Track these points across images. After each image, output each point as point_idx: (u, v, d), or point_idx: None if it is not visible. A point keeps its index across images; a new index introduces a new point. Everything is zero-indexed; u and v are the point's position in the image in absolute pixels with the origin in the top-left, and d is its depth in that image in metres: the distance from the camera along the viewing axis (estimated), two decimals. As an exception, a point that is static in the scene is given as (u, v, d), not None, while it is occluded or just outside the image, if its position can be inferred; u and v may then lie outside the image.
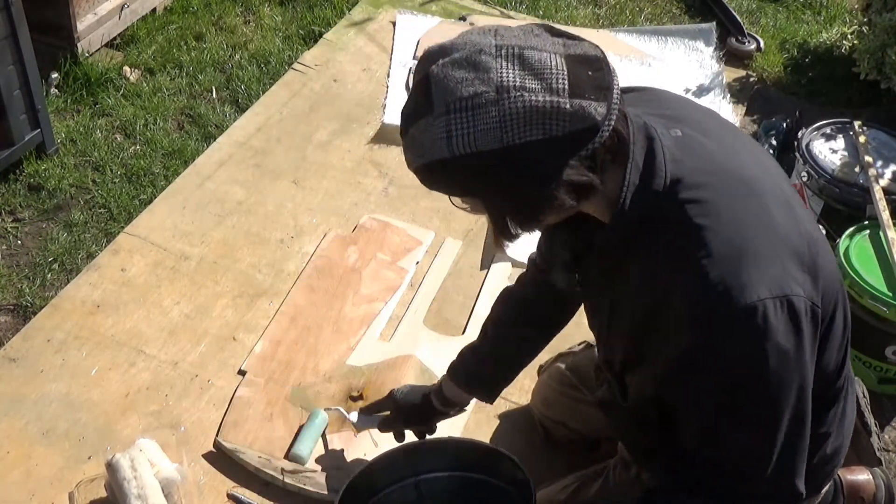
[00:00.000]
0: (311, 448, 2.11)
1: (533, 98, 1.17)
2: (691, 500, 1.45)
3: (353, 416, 2.08)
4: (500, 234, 1.33)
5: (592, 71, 1.21)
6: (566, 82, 1.18)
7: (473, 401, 1.98)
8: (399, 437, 2.04)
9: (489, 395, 1.93)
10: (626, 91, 1.34)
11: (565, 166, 1.21)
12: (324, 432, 2.15)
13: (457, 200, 1.33)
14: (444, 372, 1.95)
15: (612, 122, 1.21)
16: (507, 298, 1.90)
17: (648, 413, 1.50)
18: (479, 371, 1.89)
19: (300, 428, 2.16)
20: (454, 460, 1.91)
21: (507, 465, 1.83)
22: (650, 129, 1.32)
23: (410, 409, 1.98)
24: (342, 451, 2.13)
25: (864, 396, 2.08)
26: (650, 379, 1.44)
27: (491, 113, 1.18)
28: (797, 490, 1.40)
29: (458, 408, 1.97)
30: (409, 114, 1.28)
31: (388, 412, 2.03)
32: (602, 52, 1.25)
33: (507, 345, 1.89)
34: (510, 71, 1.19)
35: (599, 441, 2.03)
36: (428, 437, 2.02)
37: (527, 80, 1.18)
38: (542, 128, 1.18)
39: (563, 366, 2.07)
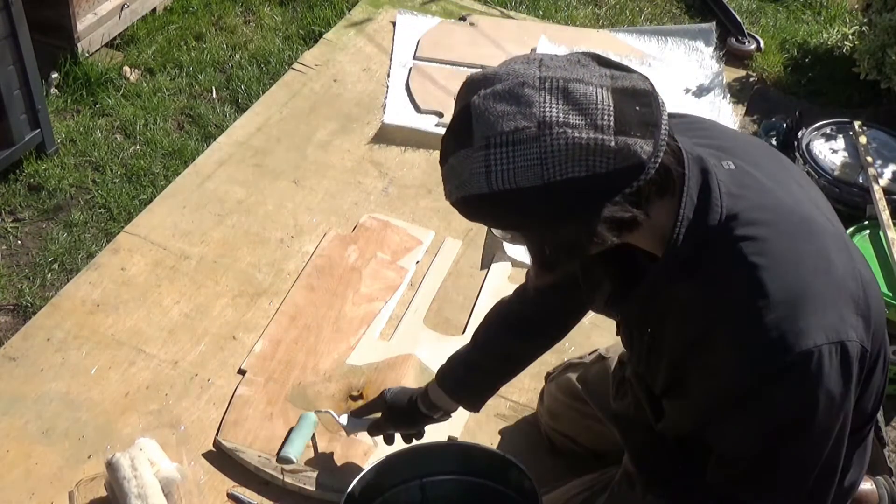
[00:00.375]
0: (300, 450, 2.09)
1: (576, 135, 1.13)
2: None
3: (343, 419, 2.05)
4: (541, 267, 1.29)
5: (640, 106, 1.17)
6: (612, 118, 1.14)
7: (460, 409, 1.95)
8: (388, 439, 2.02)
9: (474, 405, 1.92)
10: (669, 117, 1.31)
11: (608, 203, 1.17)
12: (313, 435, 2.13)
13: (498, 231, 1.29)
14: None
15: (660, 159, 1.17)
16: (501, 310, 1.86)
17: (673, 439, 1.48)
18: (467, 379, 1.87)
19: (290, 430, 2.15)
20: (461, 464, 1.90)
21: (515, 473, 1.82)
22: (705, 162, 1.28)
23: (398, 411, 1.95)
24: (331, 454, 2.12)
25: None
26: (692, 410, 1.40)
27: (532, 149, 1.14)
28: None
29: (444, 413, 1.94)
30: (449, 144, 1.22)
31: (377, 414, 2.01)
32: (651, 85, 1.21)
33: (496, 357, 1.86)
34: (553, 105, 1.15)
35: (605, 454, 2.01)
36: (418, 440, 2.00)
37: (570, 116, 1.14)
38: (586, 165, 1.14)
39: (573, 377, 2.01)
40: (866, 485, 1.98)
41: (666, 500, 1.56)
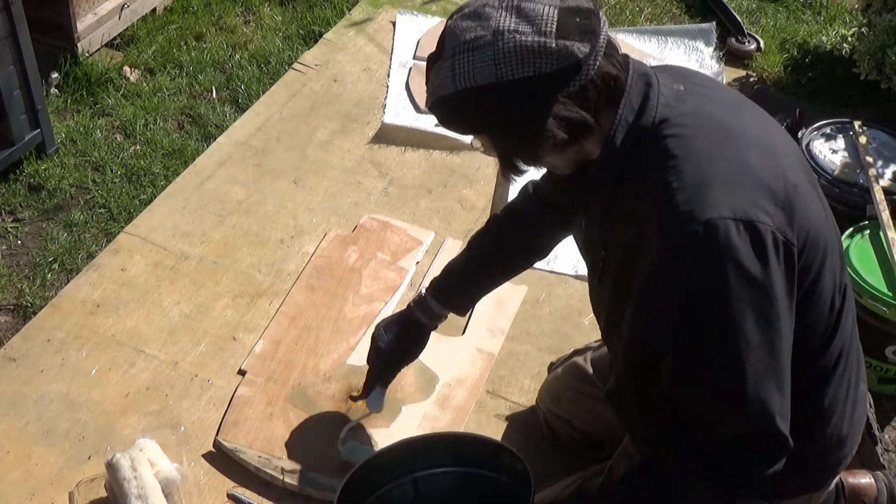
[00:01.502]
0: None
1: (523, 39, 1.33)
2: (680, 463, 1.47)
3: (372, 404, 2.13)
4: (507, 169, 1.47)
5: (580, 18, 1.36)
6: (554, 26, 1.34)
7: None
8: (387, 379, 2.11)
9: (462, 311, 2.06)
10: (658, 69, 1.51)
11: (555, 101, 1.35)
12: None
13: (475, 142, 1.49)
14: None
15: (597, 62, 1.35)
16: (494, 221, 1.98)
17: (647, 391, 1.52)
18: (456, 286, 2.00)
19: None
20: (452, 455, 1.90)
21: (507, 457, 1.82)
22: (651, 78, 1.44)
23: (398, 337, 2.04)
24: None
25: (871, 406, 2.08)
26: (628, 317, 1.47)
27: (487, 52, 1.34)
28: (778, 431, 1.39)
29: (440, 321, 2.05)
30: (429, 61, 1.43)
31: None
32: (595, 6, 1.40)
33: (482, 262, 1.98)
34: (507, 18, 1.35)
35: (603, 443, 2.03)
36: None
37: (520, 26, 1.34)
38: (533, 65, 1.33)
39: (579, 360, 2.06)
40: (865, 479, 2.00)
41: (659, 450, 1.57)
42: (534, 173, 1.58)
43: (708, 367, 1.39)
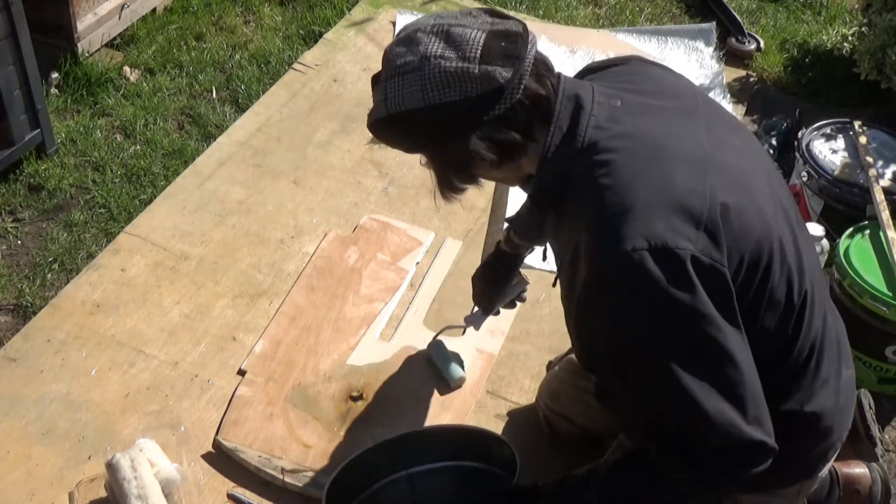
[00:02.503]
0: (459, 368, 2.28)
1: (448, 65, 1.38)
2: (665, 457, 1.48)
3: (470, 319, 2.20)
4: (444, 187, 1.52)
5: (506, 43, 1.40)
6: (478, 52, 1.39)
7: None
8: (488, 303, 2.16)
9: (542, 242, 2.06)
10: (613, 64, 1.59)
11: (481, 123, 1.40)
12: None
13: (415, 155, 1.53)
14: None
15: (521, 85, 1.40)
16: None
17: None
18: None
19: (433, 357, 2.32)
20: (445, 450, 1.91)
21: (496, 446, 1.84)
22: (582, 99, 1.47)
23: (488, 266, 2.14)
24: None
25: (871, 408, 2.09)
26: (573, 341, 1.53)
27: (415, 77, 1.40)
28: (751, 440, 1.40)
29: (525, 249, 2.10)
30: (372, 84, 1.49)
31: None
32: (524, 29, 1.44)
33: None
34: (435, 44, 1.40)
35: (602, 439, 2.03)
36: (521, 302, 2.20)
37: (446, 51, 1.39)
38: (458, 90, 1.38)
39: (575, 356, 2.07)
40: (859, 469, 2.00)
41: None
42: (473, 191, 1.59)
43: (653, 395, 1.42)
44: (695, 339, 1.38)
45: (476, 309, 2.18)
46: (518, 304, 2.23)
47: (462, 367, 2.30)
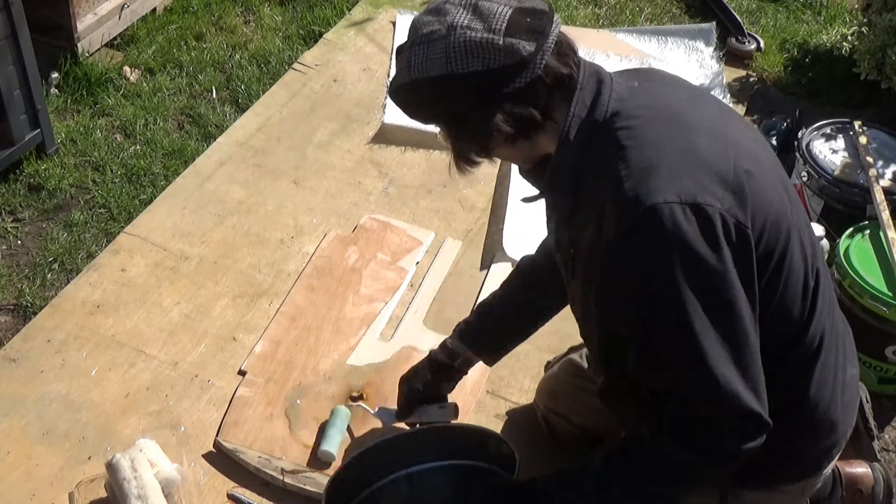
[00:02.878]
0: (338, 444, 2.12)
1: (473, 35, 1.40)
2: (655, 436, 1.49)
3: (376, 410, 2.12)
4: (459, 159, 1.53)
5: (531, 19, 1.42)
6: (504, 25, 1.41)
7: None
8: (412, 425, 2.07)
9: (492, 358, 2.07)
10: (618, 71, 1.58)
11: (501, 96, 1.42)
12: (349, 427, 2.17)
13: (432, 126, 1.55)
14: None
15: (543, 60, 1.42)
16: (521, 263, 2.03)
17: (639, 388, 1.54)
18: (485, 330, 2.02)
19: (322, 426, 2.16)
20: (443, 449, 1.92)
21: (493, 444, 1.84)
22: (603, 75, 1.50)
23: (418, 372, 2.05)
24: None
25: (868, 402, 2.09)
26: (592, 303, 1.53)
27: (440, 45, 1.41)
28: (747, 409, 1.41)
29: (463, 362, 2.04)
30: (396, 53, 1.52)
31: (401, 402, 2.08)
32: (550, 8, 1.47)
33: (511, 308, 2.01)
34: (463, 15, 1.42)
35: (600, 439, 2.03)
36: (420, 426, 2.05)
37: (473, 22, 1.41)
38: (481, 60, 1.40)
39: (576, 356, 2.08)
40: (861, 468, 2.01)
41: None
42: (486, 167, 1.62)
43: (664, 348, 1.44)
44: (714, 297, 1.39)
45: (394, 409, 2.08)
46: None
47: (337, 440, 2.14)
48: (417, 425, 2.04)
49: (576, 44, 1.49)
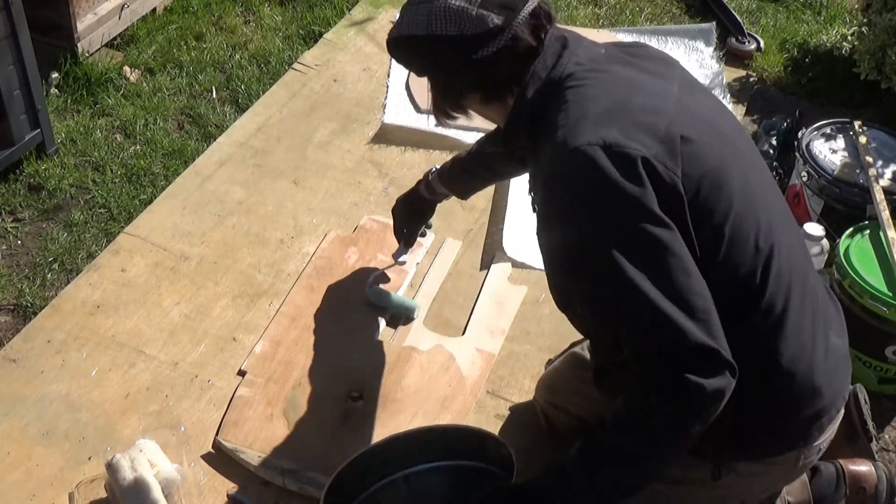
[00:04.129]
0: (384, 296, 2.48)
1: (453, 3, 1.58)
2: (623, 395, 1.53)
3: (398, 256, 2.53)
4: (438, 112, 1.73)
5: None
6: None
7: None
8: (408, 239, 2.49)
9: (463, 196, 2.40)
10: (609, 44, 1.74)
11: (472, 61, 1.59)
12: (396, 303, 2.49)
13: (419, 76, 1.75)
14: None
15: (511, 33, 1.57)
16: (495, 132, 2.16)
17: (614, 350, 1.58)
18: (458, 176, 2.30)
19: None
20: (441, 449, 1.91)
21: (492, 445, 1.84)
22: (570, 41, 1.64)
23: (407, 207, 2.41)
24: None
25: (867, 402, 2.09)
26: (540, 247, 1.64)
27: (424, 9, 1.61)
28: (695, 343, 1.43)
29: (441, 196, 2.38)
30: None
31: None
32: None
33: (481, 164, 2.24)
34: None
35: None
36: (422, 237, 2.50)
37: None
38: (457, 26, 1.58)
39: (577, 349, 2.10)
40: (864, 466, 2.01)
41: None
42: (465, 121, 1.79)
43: (599, 286, 1.50)
44: (641, 234, 1.45)
45: (400, 245, 2.48)
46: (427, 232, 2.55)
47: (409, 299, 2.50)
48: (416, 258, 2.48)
49: (553, 14, 1.66)
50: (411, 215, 2.43)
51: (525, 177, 1.78)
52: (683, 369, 1.43)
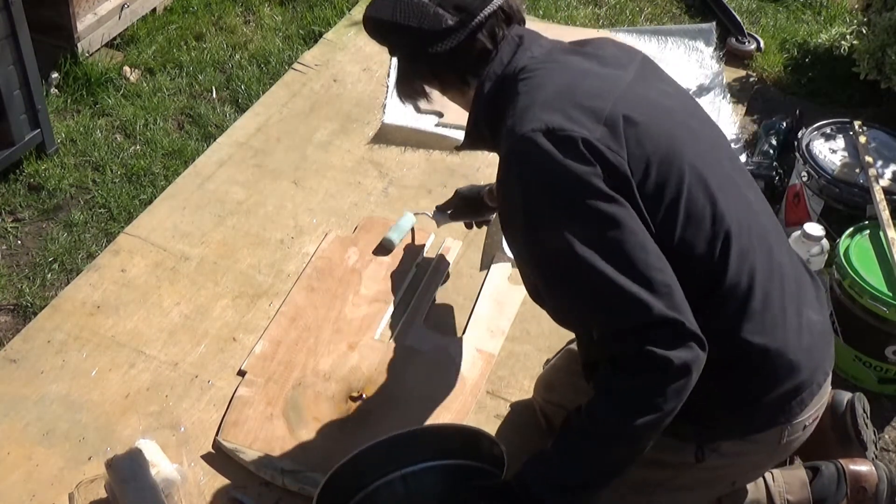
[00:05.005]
0: (397, 239, 2.63)
1: None
2: (607, 374, 1.53)
3: (431, 213, 2.51)
4: (399, 90, 1.80)
5: None
6: None
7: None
8: (467, 224, 2.51)
9: None
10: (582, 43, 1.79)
11: (427, 54, 1.67)
12: (412, 230, 2.66)
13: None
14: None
15: (462, 35, 1.64)
16: None
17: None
18: None
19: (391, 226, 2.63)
20: (437, 449, 1.92)
21: (485, 444, 1.85)
22: (526, 38, 1.70)
23: (470, 200, 2.40)
24: (423, 246, 2.64)
25: (865, 411, 2.09)
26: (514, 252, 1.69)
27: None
28: (660, 313, 1.44)
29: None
30: None
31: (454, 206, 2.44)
32: None
33: None
34: None
35: None
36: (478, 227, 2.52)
37: None
38: (417, 19, 1.66)
39: (573, 346, 2.08)
40: (865, 466, 2.01)
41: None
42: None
43: (556, 268, 1.54)
44: (591, 211, 1.49)
45: (449, 211, 2.46)
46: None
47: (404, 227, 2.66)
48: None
49: (519, 16, 1.72)
50: (466, 207, 2.43)
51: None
52: (649, 343, 1.45)
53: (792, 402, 1.65)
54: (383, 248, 2.63)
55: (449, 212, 2.46)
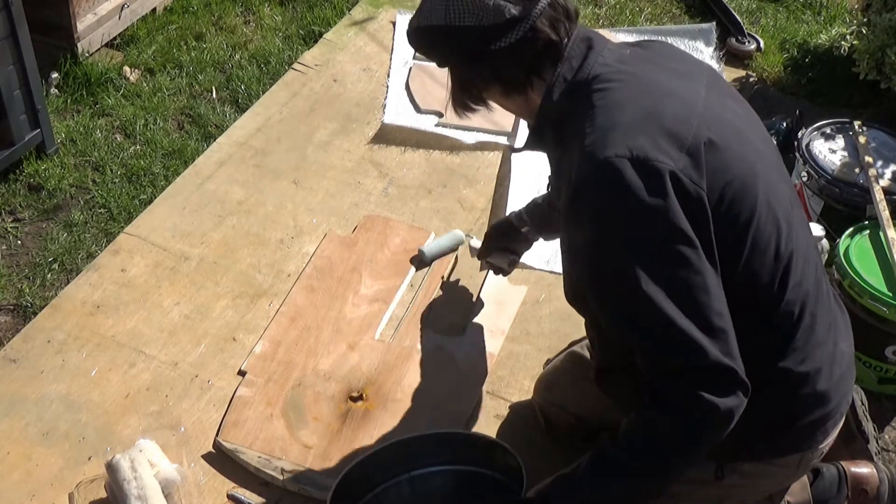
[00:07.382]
0: (434, 254, 2.60)
1: None
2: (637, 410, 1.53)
3: (475, 243, 2.46)
4: (455, 103, 1.70)
5: None
6: None
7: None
8: (496, 270, 2.40)
9: (539, 231, 2.27)
10: (631, 43, 1.71)
11: (489, 52, 1.56)
12: (456, 249, 2.63)
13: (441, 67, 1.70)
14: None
15: (529, 24, 1.54)
16: None
17: (634, 365, 1.56)
18: (534, 208, 2.24)
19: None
20: (447, 454, 1.92)
21: (500, 454, 1.84)
22: (595, 41, 1.61)
23: (502, 230, 2.31)
24: (458, 281, 2.57)
25: (863, 404, 2.09)
26: (563, 258, 1.65)
27: (442, 2, 1.58)
28: (713, 362, 1.43)
29: (530, 230, 2.26)
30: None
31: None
32: None
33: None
34: None
35: (596, 432, 2.04)
36: (509, 271, 2.40)
37: None
38: (475, 17, 1.55)
39: (577, 348, 2.11)
40: (866, 469, 2.01)
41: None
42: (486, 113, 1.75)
43: (618, 299, 1.49)
44: (665, 250, 1.44)
45: (483, 247, 2.38)
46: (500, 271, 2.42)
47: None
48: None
49: (573, 6, 1.61)
50: (500, 237, 2.33)
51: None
52: (699, 387, 1.44)
53: (817, 431, 1.66)
54: (419, 260, 2.61)
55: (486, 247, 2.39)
